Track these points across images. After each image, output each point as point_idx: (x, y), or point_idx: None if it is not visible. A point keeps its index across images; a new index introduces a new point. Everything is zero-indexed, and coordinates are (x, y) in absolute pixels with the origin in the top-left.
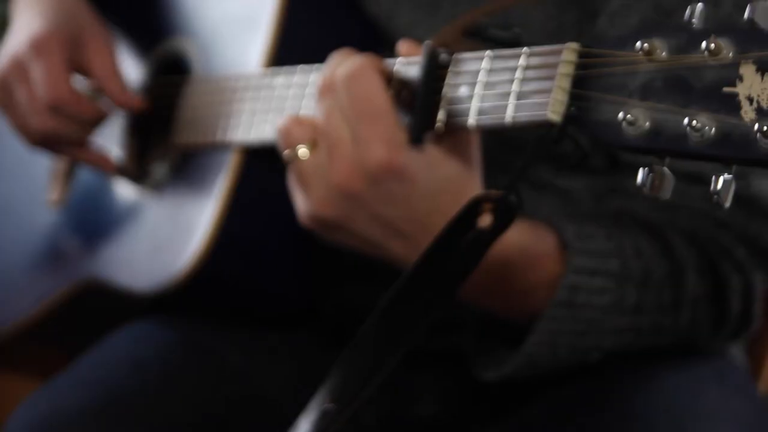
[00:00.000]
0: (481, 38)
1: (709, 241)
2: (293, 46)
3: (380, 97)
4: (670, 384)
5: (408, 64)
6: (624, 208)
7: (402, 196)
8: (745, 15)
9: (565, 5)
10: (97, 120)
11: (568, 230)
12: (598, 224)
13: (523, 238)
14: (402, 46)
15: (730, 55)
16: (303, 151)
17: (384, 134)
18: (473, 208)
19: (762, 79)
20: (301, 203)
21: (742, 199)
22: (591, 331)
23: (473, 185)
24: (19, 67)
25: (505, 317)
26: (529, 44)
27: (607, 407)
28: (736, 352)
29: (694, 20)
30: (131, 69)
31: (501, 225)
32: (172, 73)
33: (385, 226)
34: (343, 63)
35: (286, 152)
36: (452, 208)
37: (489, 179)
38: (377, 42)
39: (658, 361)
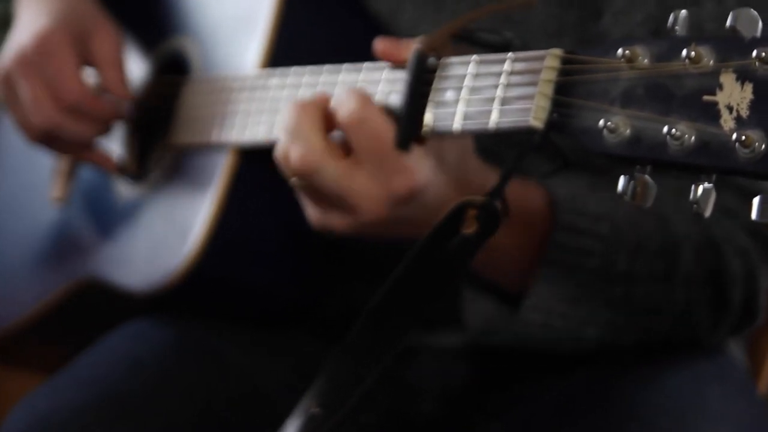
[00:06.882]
0: (470, 42)
1: (714, 224)
2: (291, 45)
3: (388, 134)
4: (672, 383)
5: (395, 68)
6: None
7: (420, 203)
8: (728, 22)
9: (567, 4)
10: (111, 119)
11: (559, 191)
12: (593, 192)
13: (512, 195)
14: (378, 45)
15: (711, 63)
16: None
17: (399, 164)
18: (457, 214)
19: (742, 88)
20: (318, 217)
21: (748, 191)
22: (583, 299)
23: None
24: (24, 63)
25: (499, 281)
26: (522, 46)
27: (608, 406)
28: (737, 353)
29: (677, 27)
30: (134, 68)
31: (485, 231)
32: (173, 72)
33: (404, 224)
34: (344, 104)
35: (293, 180)
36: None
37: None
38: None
39: (660, 361)
